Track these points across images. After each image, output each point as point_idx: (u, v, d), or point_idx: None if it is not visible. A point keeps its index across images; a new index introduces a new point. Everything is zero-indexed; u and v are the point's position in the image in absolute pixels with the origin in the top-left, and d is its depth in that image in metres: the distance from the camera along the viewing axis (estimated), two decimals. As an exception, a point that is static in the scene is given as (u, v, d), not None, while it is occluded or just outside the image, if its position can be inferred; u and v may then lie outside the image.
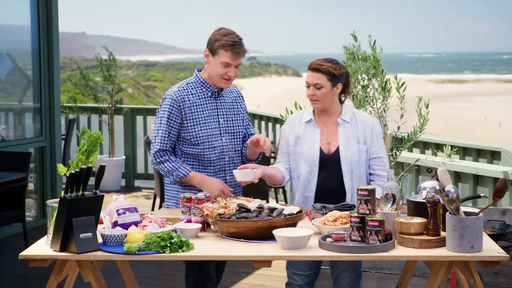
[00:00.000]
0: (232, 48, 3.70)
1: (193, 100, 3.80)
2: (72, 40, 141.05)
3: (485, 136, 27.59)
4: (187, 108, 3.78)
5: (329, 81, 3.68)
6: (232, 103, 3.93)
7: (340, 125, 3.76)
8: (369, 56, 5.20)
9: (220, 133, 3.84)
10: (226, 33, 3.74)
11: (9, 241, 6.77)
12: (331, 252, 2.96)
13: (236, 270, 5.68)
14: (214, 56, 3.74)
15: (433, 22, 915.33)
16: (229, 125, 3.88)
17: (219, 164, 3.83)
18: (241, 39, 3.76)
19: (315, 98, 3.71)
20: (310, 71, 3.72)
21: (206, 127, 3.81)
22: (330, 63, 3.69)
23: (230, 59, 3.72)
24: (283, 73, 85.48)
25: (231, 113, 3.91)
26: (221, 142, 3.83)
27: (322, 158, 3.72)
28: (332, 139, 3.76)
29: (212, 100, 3.85)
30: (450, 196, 2.95)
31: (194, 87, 3.84)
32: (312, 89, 3.70)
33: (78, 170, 2.99)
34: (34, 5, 7.32)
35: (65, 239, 2.96)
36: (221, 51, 3.71)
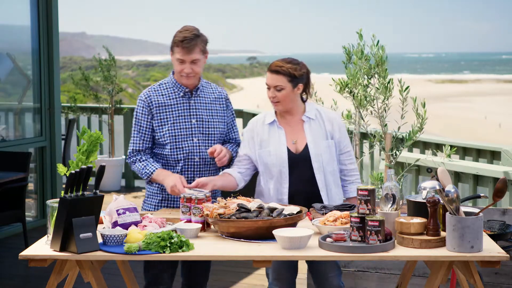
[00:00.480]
0: (182, 44, 3.66)
1: (163, 100, 3.79)
2: (72, 40, 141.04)
3: (485, 136, 27.59)
4: (155, 109, 3.77)
5: (290, 82, 3.64)
6: (210, 104, 3.86)
7: (305, 122, 3.74)
8: (376, 54, 5.20)
9: (192, 133, 3.79)
10: (182, 29, 3.74)
11: (9, 241, 6.78)
12: (331, 252, 2.96)
13: (236, 270, 5.69)
14: (173, 54, 3.75)
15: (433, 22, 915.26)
16: (203, 125, 3.81)
17: (187, 165, 3.78)
18: (196, 35, 3.70)
19: (276, 100, 3.67)
20: (269, 73, 3.67)
21: (175, 127, 3.77)
22: (290, 64, 3.65)
23: (181, 55, 3.68)
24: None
25: (207, 114, 3.83)
26: (192, 142, 3.78)
27: (291, 158, 3.68)
28: (298, 138, 3.73)
29: (184, 100, 3.81)
30: (450, 196, 2.95)
31: (166, 88, 3.83)
32: (272, 91, 3.66)
33: (78, 170, 2.99)
34: (34, 5, 7.33)
35: (65, 239, 2.96)
36: (174, 48, 3.71)
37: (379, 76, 5.23)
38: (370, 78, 5.28)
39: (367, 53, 5.26)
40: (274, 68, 3.65)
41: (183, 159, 3.77)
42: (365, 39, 5.26)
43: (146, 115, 3.79)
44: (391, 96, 5.23)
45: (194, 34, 3.70)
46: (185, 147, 3.77)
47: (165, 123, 3.77)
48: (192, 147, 3.78)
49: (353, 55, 5.37)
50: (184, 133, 3.78)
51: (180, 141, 3.77)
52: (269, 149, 3.71)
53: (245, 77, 77.25)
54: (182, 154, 3.77)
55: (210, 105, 3.86)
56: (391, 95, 5.23)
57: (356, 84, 5.27)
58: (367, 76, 5.28)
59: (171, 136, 3.76)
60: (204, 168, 3.82)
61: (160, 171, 3.74)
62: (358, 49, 5.27)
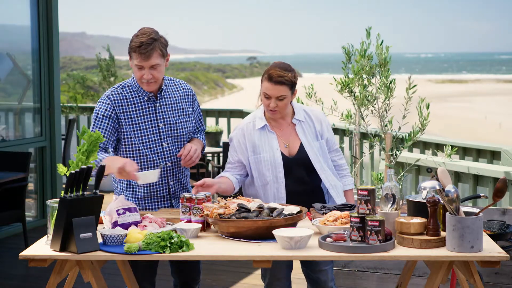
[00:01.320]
0: (139, 50, 3.48)
1: (127, 105, 3.64)
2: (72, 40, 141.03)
3: (485, 136, 27.58)
4: (120, 114, 3.63)
5: (290, 90, 3.61)
6: (176, 103, 3.74)
7: (296, 125, 3.73)
8: (380, 54, 5.20)
9: (161, 138, 3.68)
10: (139, 33, 3.54)
11: (9, 241, 6.78)
12: (331, 252, 2.96)
13: (236, 270, 5.69)
14: (131, 60, 3.58)
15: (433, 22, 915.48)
16: (172, 128, 3.70)
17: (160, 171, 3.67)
18: (154, 39, 3.51)
19: (276, 109, 3.61)
20: (272, 84, 3.56)
21: (142, 133, 3.65)
22: (290, 73, 3.60)
23: (139, 61, 3.51)
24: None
25: (174, 115, 3.72)
26: (161, 148, 3.68)
27: (286, 162, 3.66)
28: (290, 141, 3.71)
29: (149, 104, 3.67)
30: (450, 196, 2.95)
31: (129, 91, 3.67)
32: (274, 101, 3.58)
33: (78, 170, 2.99)
34: (34, 5, 7.33)
35: (65, 239, 2.96)
36: (132, 53, 3.54)
37: (381, 76, 5.23)
38: (372, 78, 5.28)
39: (370, 52, 5.27)
40: (277, 79, 3.56)
41: (155, 166, 3.68)
42: (371, 38, 5.27)
43: (108, 117, 3.61)
44: (392, 97, 5.24)
45: (151, 38, 3.51)
46: (155, 153, 3.68)
47: (132, 130, 3.64)
48: (162, 152, 3.69)
49: (352, 55, 5.37)
50: (152, 139, 3.66)
51: (149, 148, 3.66)
52: (263, 155, 3.66)
53: (245, 77, 77.24)
54: (153, 160, 3.68)
55: (176, 105, 3.74)
56: (393, 95, 5.23)
57: (357, 83, 5.28)
58: (367, 75, 5.28)
59: (139, 143, 3.65)
60: (177, 171, 3.75)
61: (107, 158, 3.52)
62: (362, 47, 5.27)
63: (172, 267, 3.88)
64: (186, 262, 3.83)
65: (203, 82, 59.15)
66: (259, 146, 3.68)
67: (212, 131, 7.73)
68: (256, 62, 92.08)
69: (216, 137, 7.73)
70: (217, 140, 7.73)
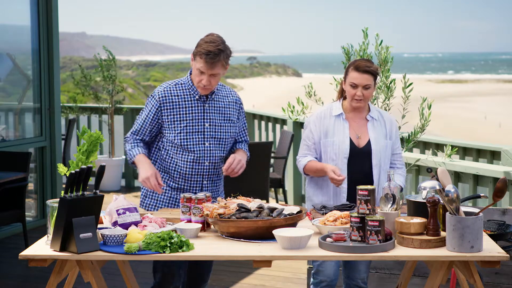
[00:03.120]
0: (206, 57, 3.62)
1: (177, 101, 3.77)
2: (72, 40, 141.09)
3: (485, 136, 27.58)
4: (167, 110, 3.76)
5: (374, 81, 3.83)
6: (224, 108, 3.85)
7: (369, 121, 3.91)
8: (380, 54, 5.20)
9: (204, 137, 3.78)
10: (209, 40, 3.67)
11: (9, 241, 6.78)
12: (331, 252, 2.96)
13: (236, 270, 5.69)
14: (194, 61, 3.72)
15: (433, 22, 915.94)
16: (216, 130, 3.80)
17: (196, 168, 3.78)
18: (221, 50, 3.65)
19: (361, 98, 3.82)
20: (359, 73, 3.79)
21: (187, 130, 3.76)
22: (373, 64, 3.84)
23: (203, 67, 3.65)
24: (283, 73, 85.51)
25: (220, 118, 3.82)
26: (203, 146, 3.78)
27: (352, 150, 3.83)
28: (362, 134, 3.89)
29: (199, 103, 3.79)
30: (450, 196, 2.95)
31: (182, 89, 3.80)
32: (360, 89, 3.80)
33: (78, 170, 2.99)
34: (34, 5, 7.33)
35: (65, 239, 2.96)
36: (197, 57, 3.67)
37: (381, 76, 5.23)
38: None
39: (370, 53, 5.27)
40: (364, 68, 3.79)
41: (193, 161, 3.77)
42: (369, 38, 5.27)
43: (153, 113, 3.78)
44: (393, 97, 5.24)
45: (219, 49, 3.65)
46: (196, 150, 3.77)
47: (178, 125, 3.75)
48: (203, 151, 3.77)
49: (352, 55, 5.37)
50: (196, 136, 3.77)
51: (191, 144, 3.76)
52: (333, 139, 3.86)
53: (245, 77, 77.23)
54: (192, 157, 3.76)
55: (224, 109, 3.85)
56: (393, 95, 5.23)
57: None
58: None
59: (182, 138, 3.75)
60: (212, 172, 3.82)
61: (140, 156, 3.76)
62: (361, 47, 5.27)
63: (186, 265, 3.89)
64: (200, 264, 3.88)
65: (203, 82, 59.06)
66: (331, 131, 3.88)
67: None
68: (256, 62, 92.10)
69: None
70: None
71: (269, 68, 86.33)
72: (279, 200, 8.10)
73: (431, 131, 15.65)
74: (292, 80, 74.95)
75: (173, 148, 3.78)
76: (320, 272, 3.88)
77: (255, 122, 9.49)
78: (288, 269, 5.67)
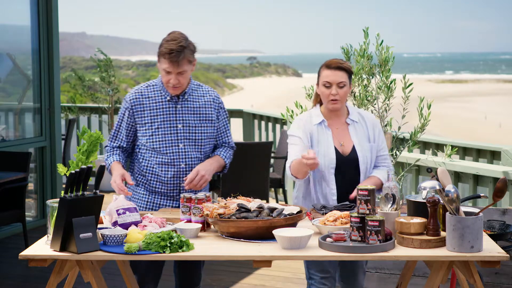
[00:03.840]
0: (169, 56, 3.55)
1: (148, 104, 3.72)
2: (72, 40, 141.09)
3: (485, 136, 27.59)
4: (139, 112, 3.71)
5: (348, 79, 3.64)
6: (199, 108, 3.77)
7: (350, 125, 3.72)
8: (381, 54, 5.20)
9: (178, 139, 3.72)
10: (170, 39, 3.59)
11: (9, 241, 6.78)
12: (331, 252, 2.96)
13: (236, 270, 5.69)
14: (159, 62, 3.65)
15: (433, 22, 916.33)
16: (190, 131, 3.73)
17: (172, 171, 3.72)
18: (184, 47, 3.56)
19: (337, 97, 3.61)
20: (331, 70, 3.60)
21: (159, 132, 3.70)
22: (345, 62, 3.66)
23: (168, 67, 3.59)
24: (283, 73, 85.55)
25: (194, 118, 3.74)
26: (177, 148, 3.72)
27: (338, 160, 3.65)
28: (344, 140, 3.70)
29: (171, 104, 3.72)
30: (450, 196, 2.95)
31: (153, 90, 3.75)
32: (335, 88, 3.60)
33: (78, 170, 2.99)
34: (34, 5, 7.33)
35: (65, 239, 2.96)
36: (161, 58, 3.60)
37: (382, 76, 5.23)
38: (372, 78, 5.28)
39: (370, 52, 5.27)
40: (336, 65, 3.61)
41: (168, 164, 3.71)
42: (369, 38, 5.27)
43: (127, 117, 3.74)
44: (393, 97, 5.24)
45: (181, 46, 3.56)
46: (170, 152, 3.71)
47: (149, 127, 3.70)
48: (177, 153, 3.72)
49: (351, 55, 5.37)
50: (169, 138, 3.71)
51: (164, 147, 3.70)
52: (318, 149, 3.64)
53: (245, 77, 77.26)
54: (166, 159, 3.71)
55: (199, 109, 3.77)
56: (393, 95, 5.23)
57: (357, 83, 5.27)
58: (368, 75, 5.28)
59: (155, 141, 3.70)
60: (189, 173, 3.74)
61: (114, 164, 3.75)
62: (361, 47, 5.27)
63: (175, 267, 3.89)
64: (188, 265, 3.84)
65: (203, 82, 59.18)
66: (315, 140, 3.67)
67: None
68: (256, 62, 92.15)
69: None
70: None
71: (269, 68, 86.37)
72: (279, 200, 8.10)
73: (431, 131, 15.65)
74: (292, 80, 74.96)
75: (147, 152, 3.73)
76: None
77: (255, 122, 9.49)
78: (288, 269, 5.67)
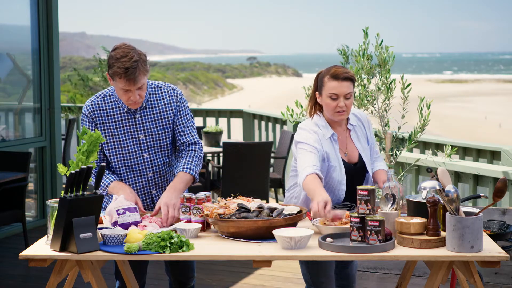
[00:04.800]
0: (125, 76, 3.36)
1: (106, 116, 3.58)
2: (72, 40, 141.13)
3: (485, 136, 27.59)
4: (100, 125, 3.58)
5: (353, 88, 3.51)
6: (159, 113, 3.62)
7: (351, 131, 3.64)
8: (380, 54, 5.20)
9: (141, 149, 3.60)
10: (119, 56, 3.38)
11: (9, 241, 6.78)
12: (331, 252, 2.96)
13: (236, 270, 5.69)
14: (114, 81, 3.44)
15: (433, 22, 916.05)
16: (153, 139, 3.61)
17: (141, 181, 3.65)
18: (136, 61, 3.36)
19: (344, 108, 3.46)
20: (338, 81, 3.43)
21: (121, 145, 3.59)
22: (350, 71, 3.50)
23: (126, 86, 3.40)
24: (283, 73, 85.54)
25: (155, 125, 3.60)
26: (142, 159, 3.62)
27: (348, 172, 3.56)
28: (347, 148, 3.62)
29: (129, 115, 3.58)
30: (450, 196, 2.95)
31: (110, 101, 3.59)
32: (342, 100, 3.44)
33: (78, 170, 2.99)
34: (34, 5, 7.33)
35: (65, 239, 2.96)
36: (116, 78, 3.39)
37: (381, 76, 5.23)
38: (372, 78, 5.28)
39: (369, 52, 5.26)
40: (344, 75, 3.43)
41: (134, 175, 3.64)
42: (369, 38, 5.26)
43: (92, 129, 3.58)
44: (392, 97, 5.24)
45: (134, 61, 3.37)
46: (135, 164, 3.63)
47: (110, 141, 3.59)
48: (142, 163, 3.63)
49: (350, 55, 5.37)
50: (132, 150, 3.60)
51: (129, 159, 3.61)
52: (333, 163, 3.51)
53: (245, 77, 77.25)
54: (133, 171, 3.64)
55: (160, 114, 3.62)
56: (393, 95, 5.23)
57: (357, 83, 5.27)
58: (367, 75, 5.28)
59: (118, 154, 3.61)
60: (159, 181, 3.69)
61: (115, 183, 3.57)
62: (361, 47, 5.27)
63: (166, 265, 3.87)
64: (180, 262, 3.82)
65: (203, 82, 59.15)
66: (327, 154, 3.51)
67: (212, 131, 7.73)
68: (256, 62, 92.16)
69: (216, 137, 7.73)
70: (217, 140, 7.74)
71: (269, 68, 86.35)
72: (279, 200, 8.10)
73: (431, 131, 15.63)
74: (292, 80, 74.95)
75: (114, 164, 3.64)
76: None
77: (255, 122, 9.49)
78: (288, 269, 5.67)
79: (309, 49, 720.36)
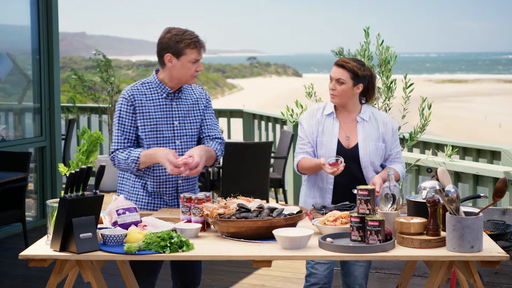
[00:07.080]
0: (199, 44, 3.66)
1: (145, 101, 3.71)
2: (72, 40, 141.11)
3: (485, 136, 27.58)
4: (138, 108, 3.69)
5: (352, 79, 3.77)
6: (192, 105, 3.81)
7: (359, 123, 3.85)
8: (381, 54, 5.19)
9: (174, 136, 3.73)
10: (184, 31, 3.67)
11: (9, 241, 6.78)
12: (331, 252, 2.96)
13: (236, 270, 5.69)
14: (180, 57, 3.64)
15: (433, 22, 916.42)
16: (186, 127, 3.76)
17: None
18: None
19: (334, 92, 3.80)
20: (335, 66, 3.82)
21: (157, 129, 3.70)
22: (356, 63, 3.79)
23: (197, 54, 3.66)
24: (283, 73, 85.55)
25: (189, 115, 3.78)
26: (174, 145, 3.72)
27: (339, 151, 3.78)
28: (351, 135, 3.84)
29: (167, 101, 3.74)
30: (450, 196, 2.95)
31: (148, 88, 3.74)
32: (334, 83, 3.80)
33: (78, 170, 2.99)
34: (34, 5, 7.33)
35: (65, 239, 2.96)
36: (187, 50, 3.63)
37: (382, 76, 5.23)
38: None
39: (370, 52, 5.26)
40: (340, 63, 3.80)
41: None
42: (370, 38, 5.26)
43: (130, 113, 3.69)
44: (393, 97, 5.24)
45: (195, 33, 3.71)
46: None
47: (147, 124, 3.69)
48: (174, 149, 3.71)
49: (348, 56, 5.37)
50: (166, 135, 3.72)
51: (162, 144, 3.70)
52: (322, 139, 3.83)
53: (245, 77, 77.25)
54: None
55: (192, 106, 3.81)
56: (393, 95, 5.23)
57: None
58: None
59: (153, 138, 3.69)
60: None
61: (146, 152, 3.62)
62: (362, 47, 5.26)
63: (173, 268, 3.88)
64: (187, 263, 3.83)
65: (203, 82, 59.16)
66: (321, 130, 3.85)
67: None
68: (256, 62, 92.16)
69: (216, 137, 7.73)
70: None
71: (269, 68, 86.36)
72: (279, 200, 8.10)
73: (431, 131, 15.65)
74: (292, 80, 74.96)
75: (147, 147, 3.69)
76: (313, 275, 3.84)
77: (255, 122, 9.49)
78: (288, 269, 5.67)
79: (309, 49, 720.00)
